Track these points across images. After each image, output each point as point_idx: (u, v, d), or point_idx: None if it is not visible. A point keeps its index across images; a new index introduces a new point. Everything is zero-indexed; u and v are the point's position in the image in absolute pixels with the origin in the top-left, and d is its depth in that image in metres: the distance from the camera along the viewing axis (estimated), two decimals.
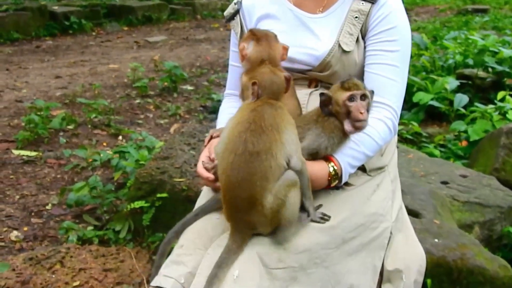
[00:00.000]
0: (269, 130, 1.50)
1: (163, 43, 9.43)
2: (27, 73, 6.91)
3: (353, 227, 1.64)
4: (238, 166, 1.48)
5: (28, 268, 2.51)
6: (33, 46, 8.85)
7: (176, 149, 2.96)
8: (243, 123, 1.52)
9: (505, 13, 13.66)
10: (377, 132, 1.68)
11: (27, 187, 3.63)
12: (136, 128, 4.85)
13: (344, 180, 1.67)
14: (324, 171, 1.62)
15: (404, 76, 1.77)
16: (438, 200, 2.44)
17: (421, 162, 3.00)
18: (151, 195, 2.69)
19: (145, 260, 2.59)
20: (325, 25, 1.78)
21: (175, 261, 1.60)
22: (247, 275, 1.43)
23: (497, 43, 5.92)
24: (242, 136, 1.49)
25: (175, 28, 11.24)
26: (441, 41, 7.35)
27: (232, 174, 1.50)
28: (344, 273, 1.60)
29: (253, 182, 1.47)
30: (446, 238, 2.08)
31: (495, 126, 3.84)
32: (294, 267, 1.50)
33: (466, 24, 11.01)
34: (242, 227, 1.54)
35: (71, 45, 9.09)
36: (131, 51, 8.65)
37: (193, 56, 8.22)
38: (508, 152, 3.16)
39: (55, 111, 4.92)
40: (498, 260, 2.09)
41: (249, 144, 1.48)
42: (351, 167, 1.67)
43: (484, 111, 4.08)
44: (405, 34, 1.78)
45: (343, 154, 1.64)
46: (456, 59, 5.78)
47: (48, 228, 3.10)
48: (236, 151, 1.49)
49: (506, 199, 2.64)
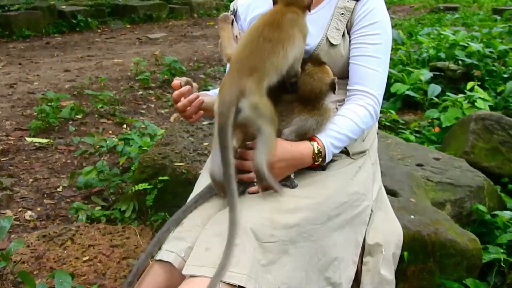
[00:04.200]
0: (285, 29, 1.54)
1: (163, 40, 9.35)
2: (38, 67, 6.83)
3: (338, 205, 1.64)
4: (251, 45, 1.53)
5: (42, 244, 2.50)
6: (44, 43, 8.74)
7: (176, 136, 2.94)
8: (263, 20, 1.57)
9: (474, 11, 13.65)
10: (358, 117, 1.68)
11: (39, 171, 3.60)
12: (139, 117, 4.82)
13: (327, 159, 1.66)
14: (309, 149, 1.62)
15: (385, 67, 1.77)
16: (414, 181, 2.44)
17: (399, 146, 3.00)
18: (154, 178, 2.67)
19: (148, 237, 2.59)
20: (314, 22, 1.76)
21: (176, 237, 1.59)
22: (242, 247, 1.43)
23: (467, 38, 5.92)
24: (259, 28, 1.55)
25: (174, 26, 11.14)
26: (416, 36, 7.33)
27: (243, 50, 1.54)
28: (330, 247, 1.60)
29: (260, 57, 1.50)
30: (421, 215, 2.09)
31: (464, 113, 3.84)
32: (285, 241, 1.50)
33: (439, 21, 10.98)
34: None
35: (79, 41, 8.98)
36: (134, 47, 8.57)
37: (190, 51, 8.16)
38: (476, 137, 3.16)
39: (65, 102, 4.88)
40: (467, 234, 2.10)
41: (265, 33, 1.53)
42: (334, 147, 1.66)
43: (455, 100, 4.08)
44: (387, 28, 1.77)
45: (326, 135, 1.64)
46: (430, 53, 5.77)
47: (60, 208, 3.09)
48: (252, 37, 1.55)
49: (475, 179, 2.65)
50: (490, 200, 2.65)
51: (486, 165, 3.07)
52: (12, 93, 5.45)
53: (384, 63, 1.76)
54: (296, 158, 1.61)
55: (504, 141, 3.11)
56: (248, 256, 1.42)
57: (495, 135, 3.13)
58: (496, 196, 2.74)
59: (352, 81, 1.74)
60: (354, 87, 1.73)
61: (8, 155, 3.84)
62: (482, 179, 2.67)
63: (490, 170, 3.02)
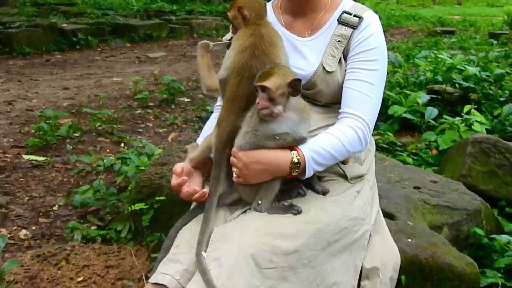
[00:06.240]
0: (269, 51, 1.62)
1: (162, 59, 9.41)
2: (37, 84, 6.85)
3: (338, 230, 1.63)
4: (244, 84, 1.62)
5: (36, 264, 2.47)
6: (44, 60, 8.78)
7: (173, 156, 2.94)
8: (246, 50, 1.63)
9: (470, 35, 13.84)
10: (346, 137, 1.66)
11: (36, 189, 3.58)
12: (137, 136, 4.81)
13: (307, 173, 1.62)
14: (286, 158, 1.59)
15: (379, 94, 1.76)
16: (411, 204, 2.44)
17: (396, 169, 3.00)
18: (150, 198, 2.66)
19: (144, 258, 2.56)
20: (312, 47, 1.78)
21: (172, 259, 1.58)
22: (239, 273, 1.42)
23: (463, 62, 5.98)
24: (248, 63, 1.62)
25: (173, 45, 11.23)
26: (413, 59, 7.40)
27: (237, 90, 1.63)
28: (329, 272, 1.59)
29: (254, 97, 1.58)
30: (418, 238, 2.08)
31: (462, 136, 3.86)
32: (284, 267, 1.49)
33: (436, 44, 11.11)
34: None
35: (78, 59, 9.03)
36: (133, 66, 8.62)
37: (189, 71, 8.20)
38: (473, 160, 3.17)
39: (63, 120, 4.88)
40: (465, 258, 2.09)
41: (253, 70, 1.60)
42: (316, 163, 1.62)
43: (452, 123, 4.10)
44: (383, 55, 1.78)
45: (308, 148, 1.61)
46: (427, 76, 5.82)
47: (55, 228, 3.06)
48: (243, 74, 1.62)
49: (472, 202, 2.65)
50: (488, 224, 2.65)
51: (483, 188, 3.07)
52: (10, 110, 5.46)
53: (377, 90, 1.74)
54: (272, 163, 1.59)
55: (501, 164, 3.12)
56: (245, 283, 1.41)
57: (492, 158, 3.15)
58: (493, 219, 2.74)
59: (344, 104, 1.74)
60: (345, 109, 1.73)
61: (4, 173, 3.82)
62: (479, 202, 2.67)
63: (487, 193, 3.03)
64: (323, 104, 1.82)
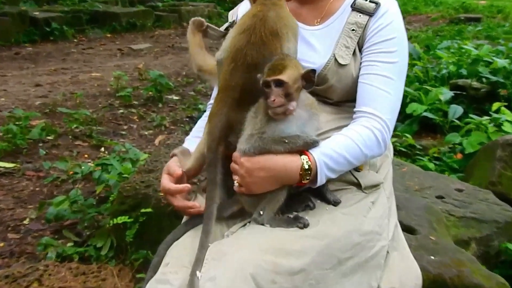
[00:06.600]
0: (268, 39, 1.59)
1: (147, 51, 9.42)
2: (5, 80, 6.85)
3: (350, 247, 1.61)
4: (238, 73, 1.60)
5: (4, 286, 2.46)
6: (12, 53, 8.79)
7: (161, 162, 2.93)
8: (244, 33, 1.61)
9: (498, 22, 13.87)
10: (362, 139, 1.64)
11: (3, 201, 3.57)
12: (119, 139, 4.82)
13: (319, 181, 1.61)
14: (296, 164, 1.57)
15: (399, 90, 1.75)
16: (433, 215, 2.44)
17: (416, 175, 3.00)
18: (135, 210, 2.65)
19: (127, 279, 2.55)
20: (322, 37, 1.77)
21: (160, 280, 1.57)
22: None
23: (491, 53, 6.00)
24: (243, 49, 1.60)
25: (160, 36, 11.25)
26: (434, 50, 7.43)
27: (229, 78, 1.62)
28: None
29: (247, 88, 1.59)
30: (442, 255, 2.08)
31: (490, 138, 3.86)
32: None
33: (459, 34, 11.15)
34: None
35: (52, 52, 9.04)
36: (115, 59, 8.63)
37: (179, 65, 8.22)
38: (504, 165, 3.17)
39: (35, 121, 4.88)
40: (495, 277, 2.09)
41: (248, 58, 1.58)
42: (328, 169, 1.60)
43: (479, 123, 4.11)
44: (404, 46, 1.77)
45: (320, 152, 1.59)
46: (450, 69, 5.83)
47: (26, 244, 3.05)
48: (237, 61, 1.61)
49: (503, 213, 2.65)
50: None
51: None
52: None
53: (397, 85, 1.74)
54: (279, 170, 1.58)
55: None
56: None
57: None
58: None
59: (359, 102, 1.73)
60: (361, 108, 1.72)
61: None
62: (511, 214, 2.66)
63: None
64: (335, 102, 1.81)
